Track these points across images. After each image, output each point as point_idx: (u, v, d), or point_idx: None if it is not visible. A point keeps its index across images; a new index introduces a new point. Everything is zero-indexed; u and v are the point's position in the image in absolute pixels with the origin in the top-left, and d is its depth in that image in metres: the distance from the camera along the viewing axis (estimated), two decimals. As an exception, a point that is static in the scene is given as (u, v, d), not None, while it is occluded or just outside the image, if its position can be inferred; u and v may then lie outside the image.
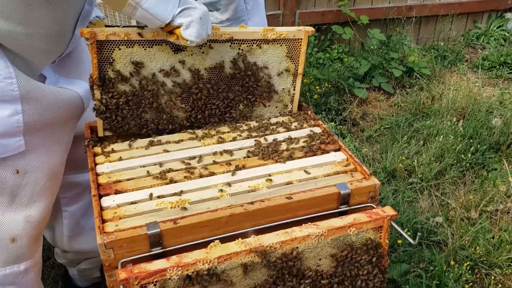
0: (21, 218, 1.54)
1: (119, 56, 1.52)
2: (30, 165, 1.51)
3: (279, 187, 1.41)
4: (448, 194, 2.98)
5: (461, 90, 4.03)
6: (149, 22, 1.41)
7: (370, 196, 1.43)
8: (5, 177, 1.48)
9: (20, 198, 1.53)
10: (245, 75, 1.67)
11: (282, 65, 1.70)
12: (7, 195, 1.51)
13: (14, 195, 1.52)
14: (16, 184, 1.50)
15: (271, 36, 1.64)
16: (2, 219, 1.52)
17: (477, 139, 3.41)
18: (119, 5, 1.34)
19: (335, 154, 1.57)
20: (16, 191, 1.51)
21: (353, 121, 3.82)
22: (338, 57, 4.64)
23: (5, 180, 1.48)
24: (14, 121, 1.41)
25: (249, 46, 1.64)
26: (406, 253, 2.48)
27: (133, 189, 1.38)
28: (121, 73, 1.54)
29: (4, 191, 1.49)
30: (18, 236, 1.55)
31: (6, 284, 1.61)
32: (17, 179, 1.50)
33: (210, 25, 1.48)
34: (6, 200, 1.51)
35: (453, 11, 5.13)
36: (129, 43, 1.51)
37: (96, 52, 1.49)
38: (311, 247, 1.26)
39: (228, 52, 1.62)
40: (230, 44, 1.61)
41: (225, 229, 1.29)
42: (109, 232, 1.21)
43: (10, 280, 1.61)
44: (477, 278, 2.40)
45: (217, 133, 1.65)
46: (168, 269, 1.13)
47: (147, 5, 1.35)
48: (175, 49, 1.57)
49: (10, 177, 1.49)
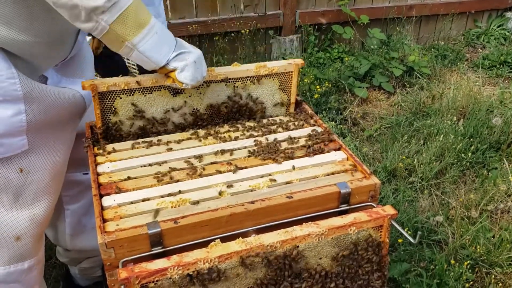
0: (26, 216, 1.56)
1: (120, 104, 1.59)
2: (33, 164, 1.52)
3: (279, 187, 1.41)
4: (448, 193, 2.99)
5: (461, 89, 4.03)
6: (145, 64, 1.44)
7: (370, 195, 1.43)
8: (9, 177, 1.50)
9: (25, 197, 1.55)
10: (241, 109, 1.75)
11: (276, 97, 1.78)
12: (11, 194, 1.52)
13: (19, 194, 1.54)
14: (20, 183, 1.52)
15: (263, 72, 1.72)
16: (7, 218, 1.54)
17: (477, 138, 3.41)
18: (116, 46, 1.38)
19: (336, 153, 1.57)
20: (20, 190, 1.53)
21: (353, 121, 3.83)
22: (339, 57, 4.64)
23: (10, 179, 1.50)
24: (17, 121, 1.43)
25: (243, 83, 1.71)
26: (406, 252, 2.49)
27: (133, 188, 1.38)
28: (122, 122, 1.61)
29: (8, 190, 1.51)
30: (22, 234, 1.57)
31: (10, 282, 1.63)
32: (21, 178, 1.52)
33: (205, 68, 1.54)
34: (11, 199, 1.53)
35: (453, 10, 5.13)
36: (129, 92, 1.58)
37: (99, 103, 1.55)
38: (312, 246, 1.26)
39: (224, 90, 1.70)
40: (225, 83, 1.69)
41: (226, 229, 1.29)
42: (110, 231, 1.21)
43: (14, 278, 1.62)
44: (477, 277, 2.40)
45: (218, 133, 1.66)
46: (169, 268, 1.13)
47: (143, 48, 1.39)
48: (174, 93, 1.64)
49: (14, 176, 1.50)
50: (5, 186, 1.51)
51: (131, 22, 1.34)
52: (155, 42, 1.40)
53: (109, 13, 1.29)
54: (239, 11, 4.35)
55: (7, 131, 1.44)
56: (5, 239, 1.56)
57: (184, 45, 1.50)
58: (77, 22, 1.31)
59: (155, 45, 1.40)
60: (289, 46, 4.58)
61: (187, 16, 4.18)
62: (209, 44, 4.29)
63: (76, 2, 1.25)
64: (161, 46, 1.42)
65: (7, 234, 1.56)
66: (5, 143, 1.45)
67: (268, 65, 1.72)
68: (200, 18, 4.21)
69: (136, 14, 1.34)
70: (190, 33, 4.16)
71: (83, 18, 1.29)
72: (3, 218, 1.54)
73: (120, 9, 1.31)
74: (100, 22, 1.30)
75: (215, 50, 4.32)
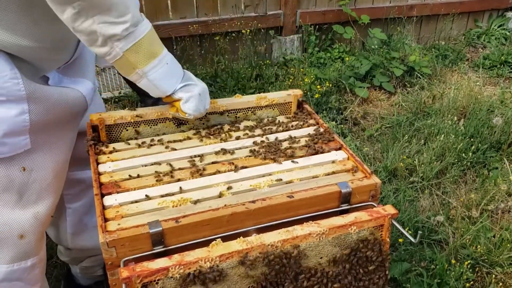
0: (30, 215, 1.58)
1: (127, 135, 1.64)
2: (35, 163, 1.54)
3: (280, 186, 1.41)
4: (449, 193, 2.99)
5: (462, 89, 4.03)
6: (152, 91, 1.50)
7: (371, 195, 1.43)
8: (12, 175, 1.51)
9: (28, 196, 1.57)
10: None
11: None
12: (15, 193, 1.54)
13: (22, 192, 1.55)
14: (23, 182, 1.54)
15: (264, 103, 1.78)
16: (12, 217, 1.56)
17: (478, 138, 3.41)
18: (127, 72, 1.44)
19: (336, 153, 1.57)
20: (23, 189, 1.55)
21: (354, 120, 3.83)
22: (339, 57, 4.64)
23: (13, 178, 1.52)
24: (20, 120, 1.45)
25: (244, 113, 1.77)
26: (407, 252, 2.49)
27: (135, 188, 1.39)
28: None
29: (12, 189, 1.53)
30: (26, 232, 1.59)
31: (12, 280, 1.64)
32: (23, 177, 1.54)
33: (208, 100, 1.61)
34: (14, 198, 1.55)
35: (454, 10, 5.13)
36: (135, 124, 1.64)
37: (106, 136, 1.61)
38: (313, 245, 1.26)
39: (226, 120, 1.75)
40: (227, 114, 1.75)
41: (227, 228, 1.29)
42: (111, 230, 1.22)
43: (17, 276, 1.64)
44: (478, 277, 2.41)
45: (219, 133, 1.66)
46: (170, 267, 1.13)
47: (153, 77, 1.45)
48: (178, 124, 1.68)
49: (17, 175, 1.52)
50: (8, 185, 1.52)
51: (144, 51, 1.41)
52: (164, 72, 1.47)
53: (124, 41, 1.36)
54: (239, 11, 4.35)
55: (11, 130, 1.45)
56: (8, 238, 1.58)
57: (191, 77, 1.58)
58: (93, 46, 1.36)
59: (164, 75, 1.47)
60: (289, 46, 4.59)
61: (188, 16, 4.19)
62: (209, 44, 4.30)
63: (95, 28, 1.31)
64: (170, 77, 1.50)
65: (11, 232, 1.57)
66: (8, 143, 1.47)
67: (268, 97, 1.79)
68: (201, 18, 4.22)
69: (150, 44, 1.41)
70: (191, 33, 4.17)
71: (100, 43, 1.34)
72: (7, 217, 1.55)
73: (135, 38, 1.37)
74: (114, 48, 1.36)
75: (216, 50, 4.33)
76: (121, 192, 1.37)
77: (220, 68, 4.25)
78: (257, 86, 4.07)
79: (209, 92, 1.65)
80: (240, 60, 4.36)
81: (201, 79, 1.86)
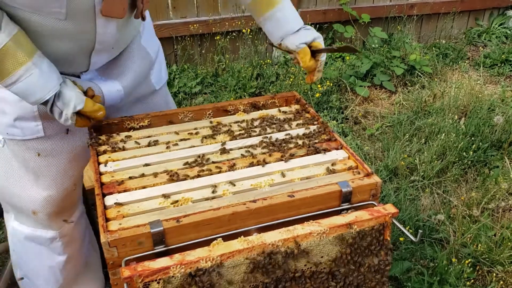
0: (42, 197, 1.67)
1: None
2: (50, 149, 1.61)
3: (281, 185, 1.41)
4: (450, 191, 2.99)
5: (462, 88, 4.03)
6: None
7: (371, 194, 1.44)
8: (28, 159, 1.61)
9: (43, 179, 1.65)
10: None
11: None
12: (31, 173, 1.65)
13: (38, 175, 1.65)
14: (38, 166, 1.63)
15: None
16: (27, 193, 1.68)
17: (479, 137, 3.41)
18: None
19: (337, 152, 1.57)
20: (38, 172, 1.64)
21: (355, 120, 3.83)
22: (340, 56, 4.64)
23: (28, 161, 1.61)
24: (30, 106, 1.51)
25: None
26: (408, 250, 2.49)
27: (136, 187, 1.39)
28: None
29: (28, 169, 1.64)
30: (38, 211, 1.70)
31: (36, 243, 1.80)
32: (38, 161, 1.63)
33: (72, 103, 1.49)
34: (31, 178, 1.66)
35: (454, 9, 5.13)
36: None
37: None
38: (313, 244, 1.27)
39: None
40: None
41: (228, 227, 1.29)
42: (112, 230, 1.22)
43: (39, 241, 1.79)
44: (478, 275, 2.41)
45: (219, 133, 1.66)
46: (171, 267, 1.14)
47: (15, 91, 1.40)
48: None
49: (32, 159, 1.61)
50: (25, 165, 1.63)
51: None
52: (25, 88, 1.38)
53: None
54: (240, 11, 4.35)
55: (22, 115, 1.53)
56: (24, 209, 1.72)
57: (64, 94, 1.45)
58: None
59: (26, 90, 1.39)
60: (290, 45, 4.58)
61: (188, 15, 4.19)
62: (210, 44, 4.30)
63: None
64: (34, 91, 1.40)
65: (26, 206, 1.70)
66: (21, 126, 1.56)
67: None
68: (202, 17, 4.22)
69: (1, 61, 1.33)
70: (192, 33, 4.17)
71: None
72: (23, 192, 1.67)
73: None
74: None
75: (217, 50, 4.33)
76: (122, 192, 1.37)
77: (221, 68, 4.25)
78: (257, 85, 4.07)
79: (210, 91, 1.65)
80: (241, 60, 4.37)
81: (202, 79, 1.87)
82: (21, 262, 1.89)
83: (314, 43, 1.73)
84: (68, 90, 1.43)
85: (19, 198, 1.69)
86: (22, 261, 1.88)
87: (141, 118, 1.69)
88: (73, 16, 1.35)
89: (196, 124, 1.72)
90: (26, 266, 1.89)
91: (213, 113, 1.78)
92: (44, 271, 1.86)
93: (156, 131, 1.67)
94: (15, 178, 1.67)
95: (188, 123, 1.73)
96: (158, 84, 1.84)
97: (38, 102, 1.41)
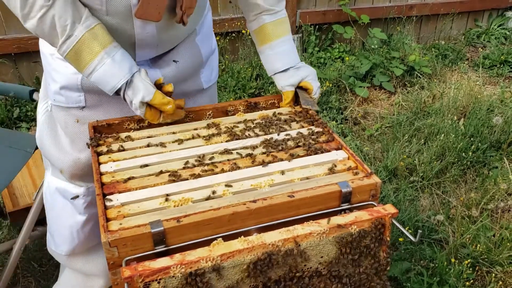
0: (71, 158, 1.80)
1: None
2: (88, 117, 1.72)
3: (281, 186, 1.42)
4: (449, 192, 3.00)
5: (462, 88, 4.04)
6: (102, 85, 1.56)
7: (371, 194, 1.44)
8: (68, 123, 1.76)
9: (77, 142, 1.77)
10: None
11: None
12: (69, 137, 1.79)
13: (73, 139, 1.78)
14: (75, 131, 1.76)
15: None
16: (60, 153, 1.82)
17: (478, 138, 3.42)
18: None
19: (337, 152, 1.58)
20: (74, 136, 1.77)
21: (354, 120, 3.84)
22: (339, 56, 4.65)
23: (68, 126, 1.76)
24: (74, 78, 1.65)
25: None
26: (407, 251, 2.50)
27: (136, 188, 1.39)
28: None
29: (67, 133, 1.78)
30: (64, 170, 1.83)
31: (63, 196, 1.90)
32: (76, 127, 1.75)
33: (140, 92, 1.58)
34: (67, 141, 1.79)
35: (453, 9, 5.14)
36: None
37: None
38: (313, 244, 1.27)
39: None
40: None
41: (228, 227, 1.30)
42: (113, 230, 1.22)
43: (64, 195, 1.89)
44: (478, 276, 2.42)
45: (219, 133, 1.67)
46: (172, 267, 1.14)
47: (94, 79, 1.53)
48: None
49: (72, 124, 1.75)
50: (64, 129, 1.78)
51: None
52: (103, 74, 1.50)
53: None
54: (239, 11, 4.36)
55: (67, 85, 1.66)
56: (57, 166, 1.86)
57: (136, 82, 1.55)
58: None
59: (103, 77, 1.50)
60: (290, 46, 4.59)
61: (188, 16, 4.19)
62: (210, 44, 4.30)
63: None
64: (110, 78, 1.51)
65: (57, 164, 1.84)
66: (66, 95, 1.69)
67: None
68: (201, 18, 4.22)
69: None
70: (191, 33, 4.17)
71: None
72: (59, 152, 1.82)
73: None
74: None
75: (216, 50, 4.33)
76: (122, 192, 1.38)
77: (220, 69, 4.25)
78: (257, 86, 4.08)
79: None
80: (240, 60, 4.37)
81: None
82: (49, 216, 2.00)
83: (302, 83, 1.81)
84: (138, 81, 1.51)
85: (54, 156, 1.83)
86: (49, 215, 1.99)
87: (141, 118, 1.69)
88: (113, 14, 1.48)
89: (196, 125, 1.72)
90: (51, 220, 2.00)
91: (213, 114, 1.79)
92: (64, 228, 1.94)
93: (157, 132, 1.67)
94: (55, 139, 1.83)
95: (188, 123, 1.74)
96: (207, 83, 1.91)
97: (113, 90, 1.51)
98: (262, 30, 1.80)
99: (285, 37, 1.80)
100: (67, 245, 1.98)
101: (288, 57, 1.80)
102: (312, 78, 1.81)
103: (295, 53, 1.82)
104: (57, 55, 1.63)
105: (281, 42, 1.79)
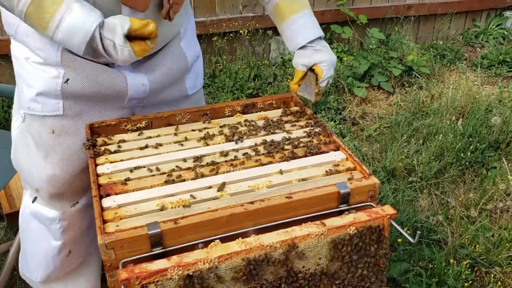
0: (46, 174, 1.68)
1: None
2: (65, 129, 1.61)
3: (279, 187, 1.41)
4: (447, 192, 2.99)
5: (460, 88, 4.04)
6: None
7: (369, 195, 1.43)
8: (42, 134, 1.63)
9: (52, 156, 1.65)
10: None
11: None
12: (43, 150, 1.66)
13: (48, 152, 1.65)
14: (50, 143, 1.63)
15: None
16: (33, 169, 1.70)
17: (476, 138, 3.41)
18: None
19: (335, 153, 1.57)
20: (49, 149, 1.64)
21: (352, 120, 3.83)
22: (338, 56, 4.65)
23: (42, 137, 1.63)
24: (54, 83, 1.54)
25: None
26: (406, 251, 2.49)
27: (133, 189, 1.39)
28: None
29: (41, 145, 1.65)
30: (40, 188, 1.72)
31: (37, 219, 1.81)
32: (51, 139, 1.63)
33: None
34: (42, 155, 1.67)
35: (451, 9, 5.14)
36: None
37: None
38: (311, 246, 1.26)
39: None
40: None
41: (226, 229, 1.29)
42: (110, 232, 1.21)
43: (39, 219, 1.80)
44: (477, 276, 2.41)
45: (217, 134, 1.66)
46: (169, 269, 1.13)
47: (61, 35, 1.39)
48: None
49: (46, 135, 1.62)
50: (38, 141, 1.65)
51: None
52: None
53: None
54: (237, 11, 4.35)
55: (44, 90, 1.55)
56: (32, 186, 1.75)
57: None
58: None
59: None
60: (288, 46, 4.59)
61: (186, 16, 4.18)
62: (207, 45, 4.29)
63: None
64: None
65: (32, 182, 1.73)
66: (42, 101, 1.57)
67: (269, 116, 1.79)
68: (199, 18, 4.21)
69: None
70: (189, 34, 4.16)
71: None
72: (33, 167, 1.70)
73: None
74: None
75: (214, 51, 4.33)
76: (119, 193, 1.37)
77: (218, 69, 4.25)
78: (255, 86, 4.07)
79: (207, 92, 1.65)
80: (238, 61, 4.36)
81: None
82: (23, 238, 1.92)
83: (315, 66, 1.75)
84: (110, 19, 1.37)
85: (28, 173, 1.73)
86: (24, 237, 1.91)
87: (138, 120, 1.68)
88: (100, 3, 1.41)
89: (194, 126, 1.72)
90: (26, 243, 1.91)
91: (211, 115, 1.78)
92: (38, 253, 1.86)
93: (154, 133, 1.66)
94: (28, 154, 1.71)
95: (185, 124, 1.73)
96: (191, 90, 1.85)
97: (86, 39, 1.34)
98: (276, 9, 1.74)
99: (303, 11, 1.70)
100: (41, 271, 1.88)
101: (307, 31, 1.69)
102: (327, 65, 1.73)
103: (316, 27, 1.71)
104: (33, 58, 1.55)
105: (298, 18, 1.69)
